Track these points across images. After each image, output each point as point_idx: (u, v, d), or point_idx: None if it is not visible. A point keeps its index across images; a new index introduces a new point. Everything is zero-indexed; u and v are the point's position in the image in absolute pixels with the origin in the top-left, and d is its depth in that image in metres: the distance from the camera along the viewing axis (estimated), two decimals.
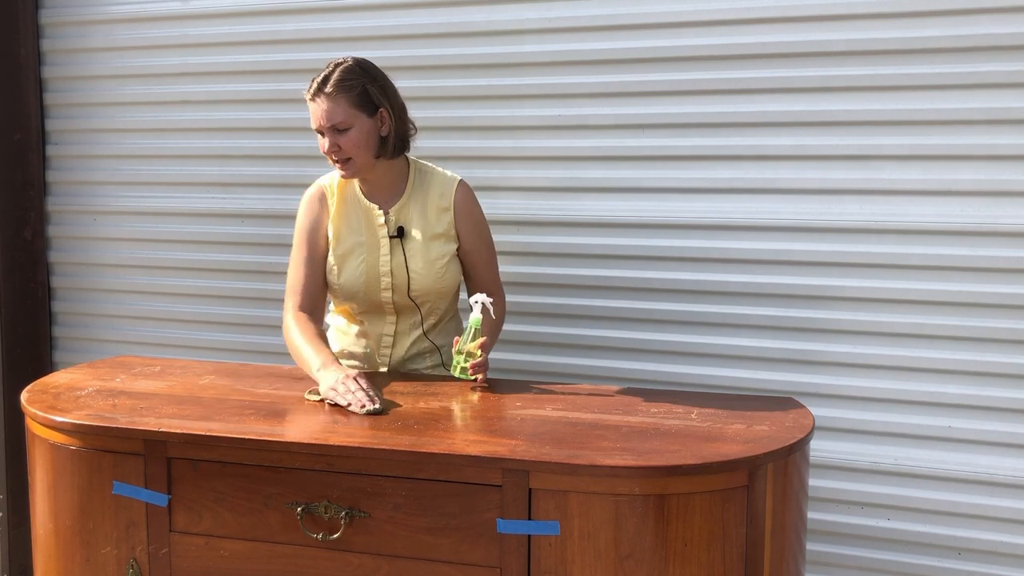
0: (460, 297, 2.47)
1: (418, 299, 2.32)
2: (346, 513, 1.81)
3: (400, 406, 2.02)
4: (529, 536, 1.73)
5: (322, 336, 2.27)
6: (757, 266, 2.58)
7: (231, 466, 1.87)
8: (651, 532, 1.68)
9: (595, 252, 2.72)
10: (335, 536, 1.82)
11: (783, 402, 2.10)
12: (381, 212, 2.32)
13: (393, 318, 2.36)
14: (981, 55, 2.35)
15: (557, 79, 2.70)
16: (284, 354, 3.06)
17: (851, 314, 2.52)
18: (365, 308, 2.36)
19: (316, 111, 2.19)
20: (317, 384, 2.12)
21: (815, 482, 2.47)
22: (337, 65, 2.21)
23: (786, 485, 1.80)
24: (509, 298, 2.74)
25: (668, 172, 2.64)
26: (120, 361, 2.47)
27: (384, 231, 2.31)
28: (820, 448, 2.51)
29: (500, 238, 2.77)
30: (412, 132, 2.32)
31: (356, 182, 2.34)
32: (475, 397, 2.13)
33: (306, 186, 2.97)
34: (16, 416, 3.12)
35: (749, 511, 1.73)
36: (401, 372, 2.37)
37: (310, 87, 2.20)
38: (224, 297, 3.14)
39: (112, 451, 1.93)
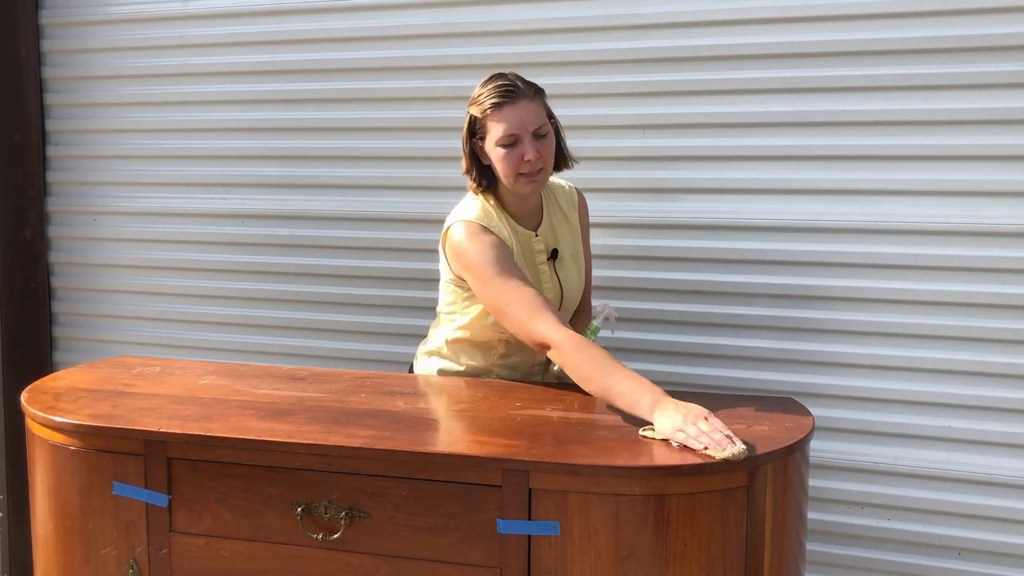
0: None
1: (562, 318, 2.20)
2: (346, 513, 1.81)
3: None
4: (529, 536, 1.72)
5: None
6: (757, 266, 2.58)
7: (231, 466, 1.87)
8: (651, 532, 1.68)
9: (595, 252, 2.71)
10: (335, 536, 1.82)
11: (783, 402, 2.10)
12: (539, 237, 2.18)
13: None
14: (980, 55, 2.35)
15: (557, 79, 2.69)
16: (284, 354, 3.07)
17: (851, 314, 2.52)
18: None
19: (519, 114, 2.00)
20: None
21: (815, 482, 2.47)
22: (508, 74, 2.04)
23: (786, 485, 1.79)
24: None
25: (668, 172, 2.64)
26: (120, 361, 2.47)
27: (543, 256, 2.18)
28: (820, 448, 2.51)
29: None
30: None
31: (505, 211, 2.15)
32: (476, 397, 2.13)
33: (307, 186, 3.00)
34: (16, 416, 3.11)
35: (749, 511, 1.72)
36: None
37: (502, 94, 2.01)
38: (224, 297, 3.14)
39: (112, 451, 1.93)
